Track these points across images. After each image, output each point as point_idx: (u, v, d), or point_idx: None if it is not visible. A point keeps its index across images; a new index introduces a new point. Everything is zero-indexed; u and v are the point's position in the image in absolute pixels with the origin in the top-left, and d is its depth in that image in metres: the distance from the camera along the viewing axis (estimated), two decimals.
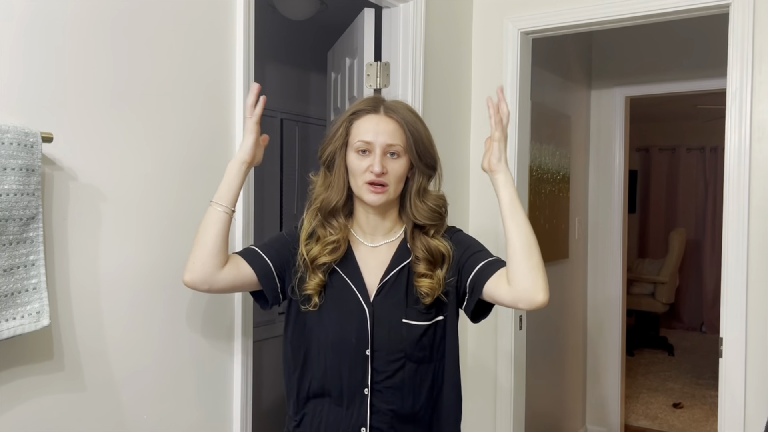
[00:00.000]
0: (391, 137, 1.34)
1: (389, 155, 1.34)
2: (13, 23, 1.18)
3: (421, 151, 1.37)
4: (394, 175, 1.35)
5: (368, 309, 1.35)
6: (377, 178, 1.33)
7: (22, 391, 1.22)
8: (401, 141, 1.35)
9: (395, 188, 1.36)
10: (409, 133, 1.36)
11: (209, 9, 1.57)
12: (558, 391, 3.52)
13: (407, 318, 1.35)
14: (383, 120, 1.35)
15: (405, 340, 1.34)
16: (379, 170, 1.32)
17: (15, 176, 1.13)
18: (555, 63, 3.33)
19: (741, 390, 2.05)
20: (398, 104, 1.40)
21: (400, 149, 1.35)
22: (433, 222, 1.38)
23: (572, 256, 3.61)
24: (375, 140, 1.34)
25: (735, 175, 2.08)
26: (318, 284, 1.35)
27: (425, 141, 1.38)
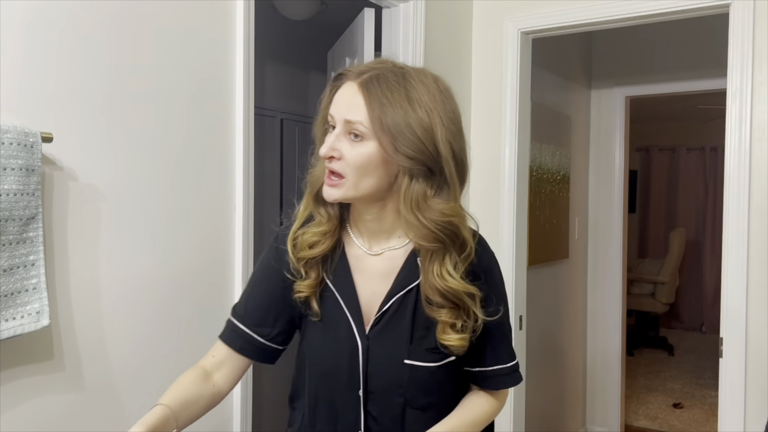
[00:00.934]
0: (350, 110, 0.99)
1: (353, 137, 0.99)
2: (14, 23, 1.18)
3: (397, 135, 0.97)
4: (352, 164, 0.99)
5: (362, 343, 1.07)
6: (329, 163, 1.01)
7: (22, 391, 1.22)
8: (366, 116, 0.98)
9: (356, 182, 1.00)
10: (376, 105, 0.97)
11: (209, 9, 1.57)
12: (558, 391, 3.52)
13: (411, 358, 1.06)
14: (350, 87, 1.00)
15: (406, 384, 1.06)
16: (323, 151, 1.00)
17: (15, 176, 1.13)
18: (555, 63, 3.33)
19: (741, 390, 2.05)
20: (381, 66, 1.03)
21: (364, 129, 0.98)
22: (432, 245, 1.01)
23: (572, 256, 3.61)
24: (336, 113, 1.01)
25: (735, 175, 2.08)
26: (310, 285, 1.09)
27: (405, 120, 0.97)
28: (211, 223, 1.60)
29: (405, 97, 0.98)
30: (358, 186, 1.01)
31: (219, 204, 1.61)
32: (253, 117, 1.68)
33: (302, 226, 1.10)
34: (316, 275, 1.08)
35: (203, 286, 1.58)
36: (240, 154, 1.64)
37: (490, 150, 2.54)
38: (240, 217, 1.65)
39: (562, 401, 3.59)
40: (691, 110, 6.03)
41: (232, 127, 1.64)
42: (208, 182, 1.58)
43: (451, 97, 1.04)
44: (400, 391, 1.07)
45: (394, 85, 0.98)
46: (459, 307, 1.03)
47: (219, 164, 1.61)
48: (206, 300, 1.59)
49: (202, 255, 1.59)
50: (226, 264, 1.64)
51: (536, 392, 3.07)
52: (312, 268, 1.09)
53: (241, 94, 1.64)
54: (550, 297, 3.36)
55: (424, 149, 0.98)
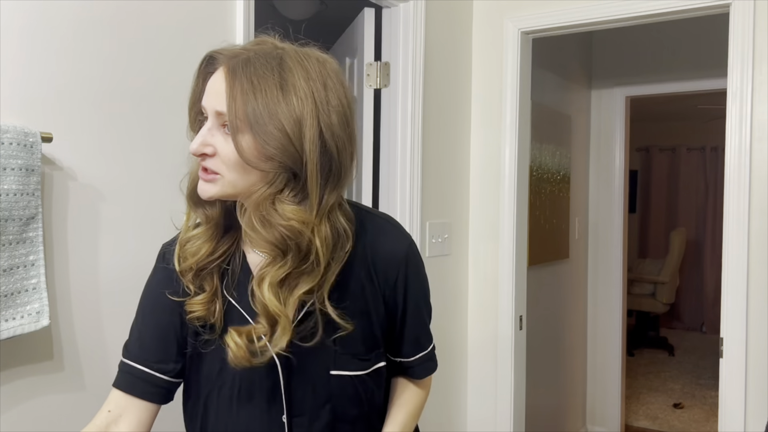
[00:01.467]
0: (221, 101, 0.85)
1: (226, 130, 0.86)
2: (14, 23, 1.18)
3: (258, 129, 0.83)
4: (226, 160, 0.86)
5: (278, 359, 0.93)
6: (202, 161, 0.88)
7: (22, 391, 1.22)
8: (235, 108, 0.84)
9: (234, 179, 0.87)
10: (238, 93, 0.83)
11: (209, 9, 1.57)
12: (558, 391, 3.52)
13: (337, 367, 0.95)
14: (220, 74, 0.87)
15: (335, 398, 0.96)
16: (193, 148, 0.87)
17: (15, 176, 1.13)
18: (555, 63, 3.33)
19: (741, 390, 2.05)
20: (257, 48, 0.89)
21: (238, 123, 0.84)
22: (272, 252, 0.87)
23: (572, 256, 3.61)
24: (207, 104, 0.88)
25: (735, 175, 2.08)
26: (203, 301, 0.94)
27: (270, 111, 0.82)
28: None
29: (276, 85, 0.83)
30: (236, 184, 0.88)
31: None
32: None
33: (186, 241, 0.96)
34: (211, 289, 0.95)
35: None
36: None
37: (490, 150, 2.54)
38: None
39: (562, 401, 3.59)
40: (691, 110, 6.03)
41: None
42: None
43: (339, 84, 0.89)
44: (329, 406, 0.96)
45: (265, 69, 0.84)
46: (268, 321, 0.88)
47: None
48: None
49: None
50: None
51: (536, 392, 3.07)
52: (205, 281, 0.95)
53: None
54: (550, 297, 3.36)
55: (288, 146, 0.83)
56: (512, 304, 2.51)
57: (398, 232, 1.03)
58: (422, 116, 2.22)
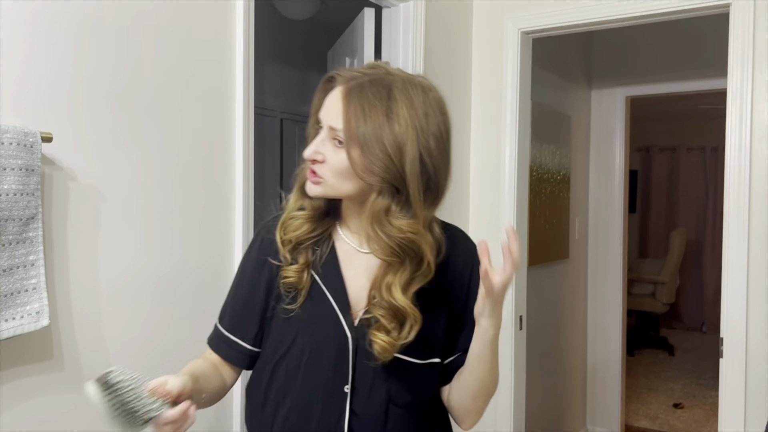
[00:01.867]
0: (335, 117, 0.99)
1: (337, 143, 1.00)
2: (14, 23, 1.18)
3: (366, 150, 0.97)
4: (331, 168, 1.01)
5: (351, 335, 1.06)
6: (311, 165, 1.03)
7: (22, 391, 1.22)
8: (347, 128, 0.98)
9: (335, 184, 1.02)
10: (352, 116, 0.97)
11: (209, 9, 1.57)
12: (558, 391, 3.52)
13: (400, 352, 1.04)
14: (337, 93, 1.01)
15: (392, 380, 1.06)
16: (307, 154, 1.02)
17: (15, 176, 1.13)
18: (555, 63, 3.33)
19: (741, 390, 2.05)
20: (372, 73, 1.02)
21: (345, 139, 0.98)
22: (389, 258, 1.01)
23: (572, 256, 3.61)
24: (324, 117, 1.02)
25: (735, 175, 2.08)
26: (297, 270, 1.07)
27: (377, 135, 0.96)
28: (211, 223, 1.60)
29: (383, 111, 0.97)
30: (336, 188, 1.03)
31: (219, 204, 1.61)
32: (253, 117, 1.68)
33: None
34: (304, 261, 1.08)
35: (203, 286, 1.58)
36: (240, 154, 1.65)
37: (490, 150, 2.54)
38: (240, 217, 1.65)
39: (562, 401, 3.59)
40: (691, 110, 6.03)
41: (232, 127, 1.64)
42: (208, 182, 1.58)
43: (439, 113, 1.02)
44: (386, 386, 1.06)
45: (375, 97, 0.97)
46: (397, 319, 1.02)
47: (219, 164, 1.61)
48: (206, 300, 1.59)
49: (202, 255, 1.59)
50: (225, 264, 1.63)
51: (536, 392, 3.06)
52: (300, 254, 1.08)
53: (241, 94, 1.64)
54: (551, 297, 3.36)
55: (390, 166, 0.97)
56: (512, 304, 2.51)
57: (467, 239, 1.18)
58: None
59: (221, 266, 1.63)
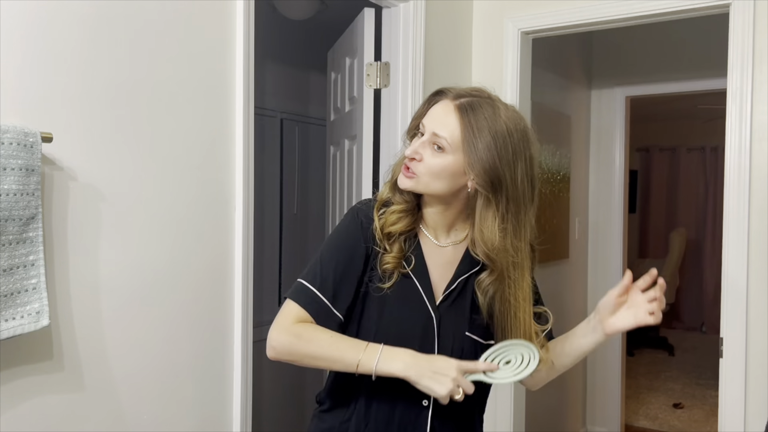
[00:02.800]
0: (441, 126, 1.15)
1: (435, 147, 1.16)
2: (14, 23, 1.18)
3: (475, 156, 1.13)
4: (428, 168, 1.16)
5: (435, 315, 1.22)
6: (409, 162, 1.18)
7: (22, 391, 1.22)
8: (451, 135, 1.14)
9: (428, 181, 1.17)
10: (468, 129, 1.13)
11: (209, 9, 1.57)
12: (558, 391, 3.52)
13: (471, 331, 1.23)
14: (446, 106, 1.18)
15: (464, 356, 1.20)
16: (410, 152, 1.17)
17: (15, 176, 1.13)
18: (555, 63, 3.33)
19: (741, 390, 2.05)
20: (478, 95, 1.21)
21: (446, 144, 1.14)
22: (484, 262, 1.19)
23: (572, 256, 3.61)
24: (428, 124, 1.18)
25: (735, 175, 2.08)
26: (395, 258, 1.20)
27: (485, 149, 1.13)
28: (211, 223, 1.60)
29: (489, 130, 1.13)
30: (428, 186, 1.17)
31: (219, 204, 1.61)
32: (253, 117, 1.68)
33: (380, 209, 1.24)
34: (399, 249, 1.21)
35: (203, 285, 1.58)
36: (240, 154, 1.65)
37: None
38: (240, 217, 1.65)
39: (562, 401, 3.59)
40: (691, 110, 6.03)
41: (232, 127, 1.64)
42: (208, 182, 1.58)
43: (529, 141, 1.18)
44: None
45: (483, 116, 1.14)
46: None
47: (219, 164, 1.61)
48: (206, 300, 1.59)
49: (202, 255, 1.59)
50: (225, 264, 1.64)
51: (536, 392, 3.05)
52: (395, 244, 1.21)
53: (241, 94, 1.64)
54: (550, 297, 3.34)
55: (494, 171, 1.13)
56: None
57: None
58: None
59: (221, 266, 1.63)
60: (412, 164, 1.17)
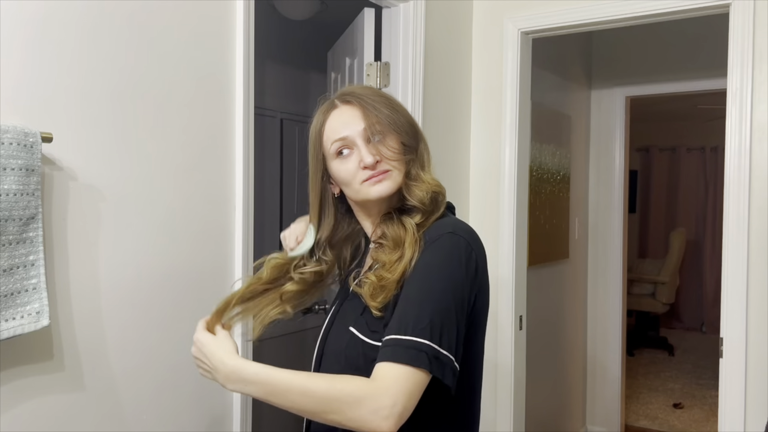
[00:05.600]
0: (360, 120, 1.09)
1: (374, 139, 1.09)
2: (14, 23, 1.18)
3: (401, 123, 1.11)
4: (390, 156, 1.09)
5: (334, 308, 1.19)
6: (372, 166, 1.07)
7: (22, 391, 1.22)
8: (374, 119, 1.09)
9: (399, 166, 1.09)
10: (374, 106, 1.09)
11: (209, 9, 1.57)
12: (558, 391, 3.52)
13: (355, 326, 1.08)
14: (342, 109, 1.13)
15: (343, 352, 1.08)
16: (370, 160, 1.07)
17: (15, 176, 1.13)
18: (555, 63, 3.33)
19: (741, 390, 2.05)
20: (352, 88, 1.16)
21: (380, 127, 1.09)
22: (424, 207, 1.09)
23: (572, 256, 3.61)
24: (350, 131, 1.09)
25: (735, 175, 2.08)
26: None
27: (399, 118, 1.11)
28: (211, 223, 1.60)
29: (378, 94, 1.13)
30: (401, 172, 1.10)
31: (219, 204, 1.61)
32: (253, 117, 1.68)
33: None
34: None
35: (203, 286, 1.58)
36: (240, 154, 1.64)
37: (490, 150, 2.54)
38: (240, 217, 1.65)
39: (562, 401, 3.59)
40: (691, 110, 6.03)
41: (232, 127, 1.64)
42: (208, 182, 1.58)
43: None
44: (339, 358, 1.09)
45: (365, 91, 1.13)
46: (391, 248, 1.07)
47: (219, 164, 1.61)
48: (206, 300, 1.59)
49: (202, 255, 1.59)
50: (226, 264, 1.63)
51: (536, 392, 3.07)
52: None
53: (241, 94, 1.64)
54: (550, 297, 3.36)
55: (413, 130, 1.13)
56: (512, 304, 2.51)
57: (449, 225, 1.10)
58: (422, 116, 2.22)
59: (221, 266, 1.63)
60: (379, 166, 1.07)
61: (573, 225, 3.61)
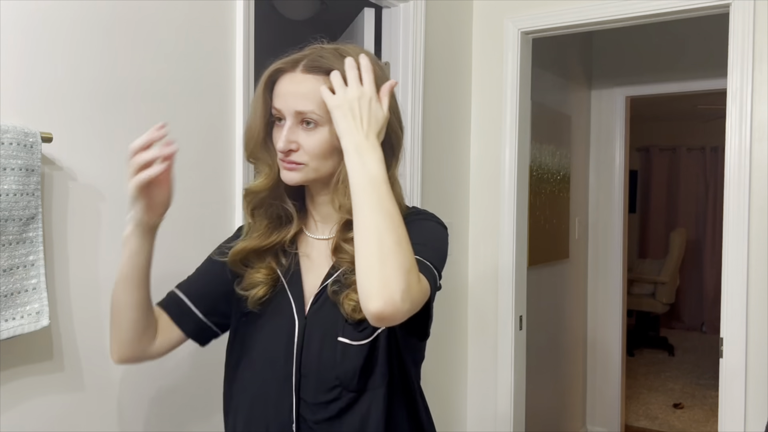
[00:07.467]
0: (302, 101, 1.00)
1: (304, 124, 1.02)
2: (13, 23, 1.18)
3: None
4: (311, 151, 1.01)
5: (298, 322, 1.07)
6: (285, 156, 1.02)
7: (22, 391, 1.22)
8: (319, 105, 0.99)
9: (318, 165, 1.03)
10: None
11: (209, 9, 1.57)
12: (558, 391, 3.52)
13: (344, 336, 1.03)
14: (297, 78, 1.03)
15: (339, 366, 1.03)
16: (282, 146, 1.01)
17: (14, 176, 1.13)
18: (555, 63, 3.33)
19: (741, 390, 2.05)
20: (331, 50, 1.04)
21: (317, 117, 1.00)
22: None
23: (572, 256, 3.61)
24: (283, 107, 1.02)
25: (735, 175, 2.08)
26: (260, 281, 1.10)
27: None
28: (211, 224, 1.60)
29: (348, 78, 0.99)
30: (318, 170, 1.04)
31: (219, 204, 1.61)
32: None
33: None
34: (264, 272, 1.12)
35: None
36: (240, 154, 1.65)
37: (490, 150, 2.54)
38: (240, 217, 1.65)
39: (562, 401, 3.59)
40: (691, 110, 6.03)
41: (232, 127, 1.64)
42: (208, 182, 1.58)
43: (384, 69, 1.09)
44: (335, 373, 1.03)
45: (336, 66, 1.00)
46: None
47: (219, 164, 1.61)
48: None
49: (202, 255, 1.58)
50: None
51: (536, 392, 3.07)
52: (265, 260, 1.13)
53: (241, 94, 1.64)
54: (550, 297, 3.36)
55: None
56: (512, 304, 2.51)
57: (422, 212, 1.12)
58: (422, 116, 2.22)
59: None
60: (293, 158, 1.02)
61: (573, 225, 3.61)
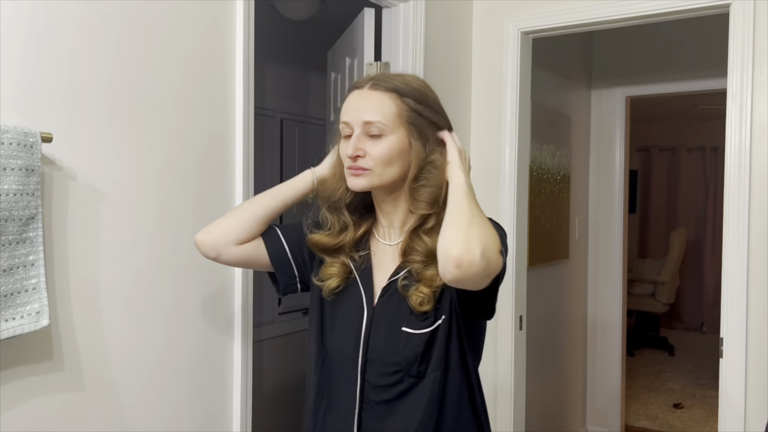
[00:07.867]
0: (370, 113, 1.13)
1: (370, 135, 1.13)
2: (14, 23, 1.18)
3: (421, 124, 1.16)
4: (377, 158, 1.13)
5: (367, 312, 1.19)
6: (353, 162, 1.14)
7: (22, 391, 1.22)
8: (384, 116, 1.12)
9: (383, 171, 1.14)
10: (403, 101, 1.14)
11: (209, 9, 1.57)
12: (558, 391, 3.52)
13: (407, 326, 1.15)
14: (364, 94, 1.16)
15: (402, 353, 1.15)
16: (350, 152, 1.13)
17: (15, 176, 1.13)
18: (555, 63, 3.33)
19: (741, 390, 2.05)
20: (395, 75, 1.20)
21: (383, 126, 1.12)
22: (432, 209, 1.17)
23: (572, 256, 3.61)
24: (352, 119, 1.15)
25: (735, 175, 2.08)
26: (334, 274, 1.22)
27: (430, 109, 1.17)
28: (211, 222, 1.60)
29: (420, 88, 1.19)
30: (383, 176, 1.14)
31: (219, 204, 1.61)
32: (253, 117, 1.68)
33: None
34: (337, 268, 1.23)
35: (202, 286, 1.58)
36: (240, 154, 1.65)
37: (490, 150, 2.54)
38: None
39: (562, 401, 3.59)
40: (691, 110, 6.03)
41: (232, 127, 1.64)
42: (208, 182, 1.58)
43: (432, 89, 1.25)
44: (397, 359, 1.15)
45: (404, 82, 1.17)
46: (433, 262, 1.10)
47: (219, 164, 1.61)
48: (205, 300, 1.59)
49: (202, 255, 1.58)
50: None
51: (536, 392, 3.07)
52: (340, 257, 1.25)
53: (241, 94, 1.64)
54: (551, 297, 3.36)
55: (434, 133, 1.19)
56: (512, 304, 2.51)
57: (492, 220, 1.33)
58: None
59: (221, 266, 1.62)
60: (359, 163, 1.14)
61: (573, 225, 3.61)
